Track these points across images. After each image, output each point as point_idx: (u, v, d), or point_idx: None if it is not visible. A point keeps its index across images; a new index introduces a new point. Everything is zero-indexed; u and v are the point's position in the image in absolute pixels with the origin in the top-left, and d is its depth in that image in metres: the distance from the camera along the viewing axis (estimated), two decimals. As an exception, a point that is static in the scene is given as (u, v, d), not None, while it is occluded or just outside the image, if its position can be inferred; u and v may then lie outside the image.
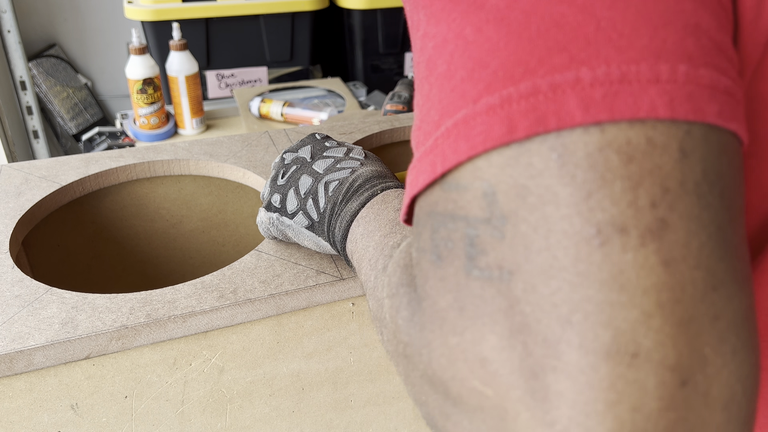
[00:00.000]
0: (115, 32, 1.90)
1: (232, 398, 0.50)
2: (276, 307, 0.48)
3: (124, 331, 0.44)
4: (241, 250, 0.79)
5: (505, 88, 0.21)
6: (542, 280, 0.20)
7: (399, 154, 0.80)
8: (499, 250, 0.21)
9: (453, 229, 0.22)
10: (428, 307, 0.24)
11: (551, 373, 0.19)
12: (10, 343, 0.42)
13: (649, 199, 0.19)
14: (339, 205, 0.44)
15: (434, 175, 0.23)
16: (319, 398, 0.54)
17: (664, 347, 0.19)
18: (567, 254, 0.20)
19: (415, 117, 0.26)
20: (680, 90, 0.20)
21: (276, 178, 0.50)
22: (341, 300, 0.50)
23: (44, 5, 1.81)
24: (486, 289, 0.21)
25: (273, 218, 0.49)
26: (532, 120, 0.20)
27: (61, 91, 1.82)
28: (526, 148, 0.20)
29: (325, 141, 0.52)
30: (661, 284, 0.19)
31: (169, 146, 0.71)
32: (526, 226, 0.20)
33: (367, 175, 0.45)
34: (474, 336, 0.21)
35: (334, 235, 0.44)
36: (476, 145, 0.21)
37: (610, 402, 0.19)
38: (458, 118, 0.22)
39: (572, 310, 0.19)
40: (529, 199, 0.20)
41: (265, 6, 1.54)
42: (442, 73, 0.23)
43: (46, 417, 0.45)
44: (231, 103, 1.57)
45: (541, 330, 0.20)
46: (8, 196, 0.61)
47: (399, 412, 0.58)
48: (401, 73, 1.74)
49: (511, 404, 0.20)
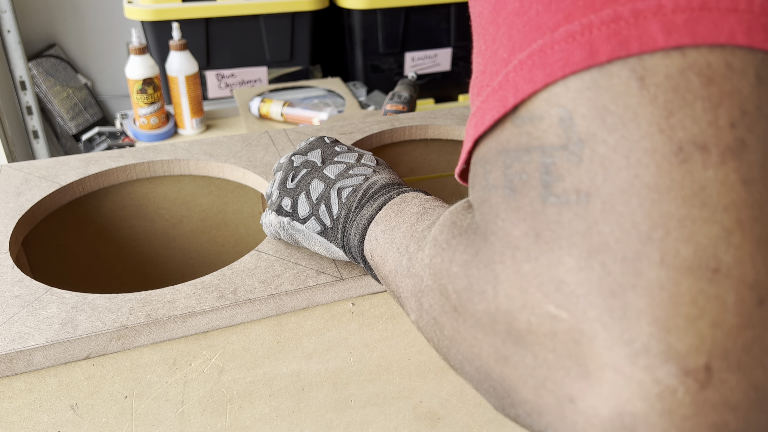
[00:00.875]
0: (115, 32, 1.90)
1: (232, 398, 0.50)
2: (276, 307, 0.48)
3: (124, 331, 0.44)
4: (241, 250, 0.79)
5: (585, 16, 0.21)
6: (621, 198, 0.20)
7: (399, 154, 0.80)
8: (576, 174, 0.21)
9: (527, 161, 0.23)
10: (497, 240, 0.23)
11: (631, 290, 0.19)
12: (9, 343, 0.42)
13: (728, 119, 0.20)
14: (354, 211, 0.44)
15: (505, 108, 0.23)
16: (319, 398, 0.54)
17: (744, 264, 0.19)
18: (648, 171, 0.20)
19: (475, 69, 0.26)
20: (757, 20, 0.20)
21: (285, 181, 0.49)
22: (341, 300, 0.50)
23: (44, 5, 1.81)
24: (563, 213, 0.21)
25: (284, 222, 0.49)
26: (615, 44, 0.21)
27: (61, 91, 1.82)
28: (607, 71, 0.21)
29: (335, 146, 0.51)
30: (741, 202, 0.19)
31: (169, 146, 0.71)
32: (605, 147, 0.21)
33: (381, 183, 0.45)
34: (550, 260, 0.21)
35: (348, 240, 0.44)
36: (555, 72, 0.22)
37: (691, 317, 0.19)
38: (533, 49, 0.22)
39: (653, 227, 0.20)
40: (608, 120, 0.21)
41: (265, 6, 1.54)
42: (514, 10, 0.24)
43: (46, 417, 0.45)
44: (231, 103, 1.56)
45: (620, 248, 0.20)
46: (8, 196, 0.61)
47: (399, 412, 0.58)
48: (401, 73, 1.74)
49: (587, 325, 0.20)
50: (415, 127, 0.78)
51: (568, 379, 0.21)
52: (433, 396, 0.59)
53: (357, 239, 0.42)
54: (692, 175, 0.19)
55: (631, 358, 0.19)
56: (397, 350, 0.55)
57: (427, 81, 1.79)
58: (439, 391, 0.59)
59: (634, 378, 0.19)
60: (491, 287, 0.23)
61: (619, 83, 0.21)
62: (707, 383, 0.19)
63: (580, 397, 0.21)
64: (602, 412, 0.20)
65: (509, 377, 0.23)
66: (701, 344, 0.19)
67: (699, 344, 0.19)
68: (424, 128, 0.78)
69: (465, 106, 0.83)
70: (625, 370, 0.19)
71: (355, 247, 0.43)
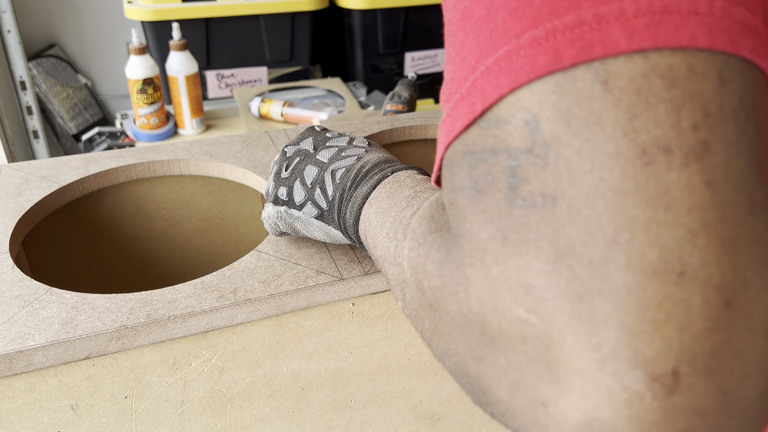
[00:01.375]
0: (115, 32, 1.90)
1: (232, 398, 0.50)
2: (276, 307, 0.48)
3: (124, 331, 0.44)
4: (241, 250, 0.79)
5: (549, 21, 0.21)
6: (587, 202, 0.20)
7: (399, 154, 0.80)
8: (542, 177, 0.21)
9: (493, 163, 0.23)
10: (467, 242, 0.23)
11: (598, 295, 0.19)
12: (10, 343, 0.42)
13: (691, 121, 0.20)
14: (348, 190, 0.44)
15: (474, 114, 0.23)
16: (319, 398, 0.54)
17: (709, 266, 0.19)
18: (612, 174, 0.20)
19: (446, 74, 0.26)
20: (718, 23, 0.20)
21: (280, 172, 0.50)
22: (341, 300, 0.50)
23: (44, 5, 1.81)
24: (530, 216, 0.21)
25: (281, 211, 0.49)
26: (578, 49, 0.21)
27: (61, 91, 1.82)
28: (571, 75, 0.21)
29: (325, 132, 0.51)
30: (705, 203, 0.19)
31: (169, 146, 0.71)
32: (569, 150, 0.21)
33: (374, 161, 0.45)
34: (518, 264, 0.21)
35: (345, 220, 0.44)
36: (520, 77, 0.22)
37: (657, 321, 0.19)
38: (500, 55, 0.23)
39: (618, 230, 0.20)
40: (573, 124, 0.21)
41: (265, 6, 1.54)
42: (481, 18, 0.24)
43: (46, 417, 0.45)
44: (231, 103, 1.56)
45: (586, 252, 0.20)
46: (8, 196, 0.61)
47: (399, 412, 0.58)
48: (401, 73, 1.74)
49: (556, 329, 0.20)
50: (415, 127, 0.78)
51: (539, 382, 0.21)
52: (433, 396, 0.59)
53: (352, 219, 0.42)
54: (656, 177, 0.20)
55: (599, 363, 0.19)
56: (397, 350, 0.55)
57: (427, 81, 1.79)
58: (439, 391, 0.59)
59: (602, 384, 0.19)
60: (463, 289, 0.23)
61: (583, 87, 0.21)
62: (675, 388, 0.19)
63: (551, 402, 0.21)
64: (572, 417, 0.20)
65: (485, 376, 0.23)
66: (668, 349, 0.19)
67: (666, 349, 0.19)
68: (424, 128, 0.78)
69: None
70: (594, 376, 0.19)
71: (350, 227, 0.43)
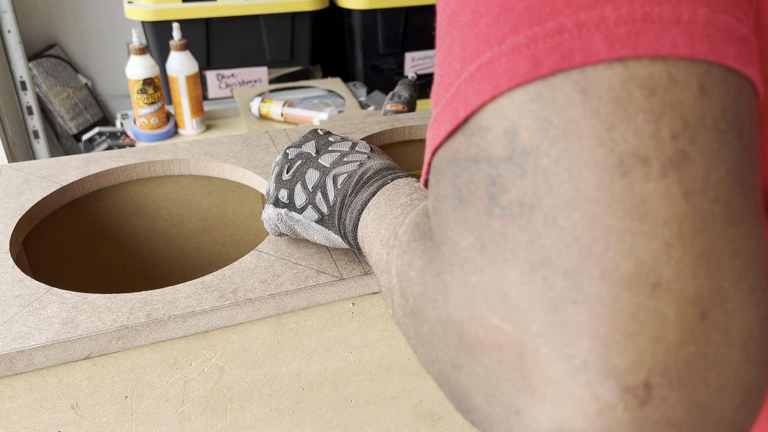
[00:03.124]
0: (115, 32, 1.90)
1: (232, 398, 0.50)
2: (276, 307, 0.48)
3: (124, 331, 0.44)
4: (241, 250, 0.79)
5: (531, 28, 0.21)
6: (563, 212, 0.20)
7: (399, 154, 0.80)
8: (520, 186, 0.21)
9: (475, 172, 0.23)
10: (447, 250, 0.24)
11: (571, 305, 0.19)
12: (10, 343, 0.42)
13: (670, 131, 0.20)
14: (349, 196, 0.44)
15: (457, 121, 0.23)
16: (319, 398, 0.54)
17: (685, 278, 0.19)
18: (589, 185, 0.20)
19: (435, 78, 0.26)
20: (700, 31, 0.20)
21: (281, 174, 0.50)
22: (341, 300, 0.50)
23: (44, 5, 1.81)
24: (507, 226, 0.21)
25: (281, 214, 0.49)
26: (558, 56, 0.21)
27: (61, 91, 1.82)
28: (550, 83, 0.21)
29: (328, 136, 0.52)
30: (682, 214, 0.19)
31: (169, 146, 0.71)
32: (547, 160, 0.21)
33: (376, 168, 0.45)
34: (495, 273, 0.21)
35: (344, 226, 0.44)
36: (500, 84, 0.22)
37: (630, 333, 0.19)
38: (482, 61, 0.22)
39: (593, 241, 0.19)
40: (551, 133, 0.21)
41: (265, 6, 1.54)
42: (466, 23, 0.24)
43: (46, 417, 0.45)
44: (231, 103, 1.56)
45: (561, 262, 0.20)
46: (8, 196, 0.61)
47: (399, 412, 0.59)
48: (401, 73, 1.74)
49: (530, 339, 0.20)
50: (415, 127, 0.78)
51: (514, 391, 0.21)
52: (433, 396, 0.59)
53: (351, 225, 0.43)
54: (633, 188, 0.19)
55: (572, 373, 0.19)
56: (397, 350, 0.55)
57: (427, 81, 1.79)
58: (439, 391, 0.59)
59: (574, 394, 0.19)
60: (442, 296, 0.23)
61: (562, 95, 0.21)
62: (647, 400, 0.19)
63: (525, 411, 0.21)
64: (545, 427, 0.20)
65: (464, 384, 0.24)
66: (641, 360, 0.19)
67: (638, 360, 0.19)
68: (424, 128, 0.78)
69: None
70: (566, 386, 0.19)
71: (350, 233, 0.43)
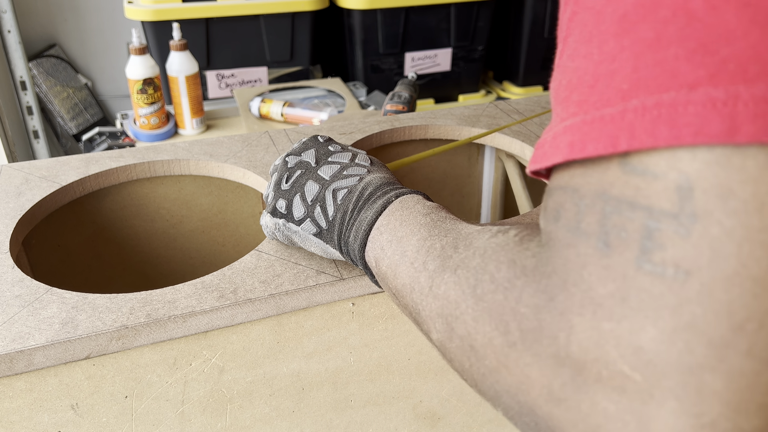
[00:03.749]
0: (115, 32, 1.90)
1: (232, 398, 0.50)
2: (276, 307, 0.48)
3: (124, 331, 0.44)
4: (241, 250, 0.79)
5: (733, 84, 0.19)
6: (723, 286, 0.20)
7: (399, 154, 0.80)
8: (681, 248, 0.20)
9: (630, 218, 0.22)
10: (579, 292, 0.23)
11: (709, 372, 0.20)
12: (10, 343, 0.42)
13: None
14: (351, 213, 0.44)
15: (614, 149, 0.22)
16: (319, 398, 0.54)
17: None
18: (758, 265, 0.19)
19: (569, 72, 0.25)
20: None
21: (280, 183, 0.49)
22: (341, 300, 0.50)
23: (44, 5, 1.81)
24: (656, 284, 0.21)
25: (279, 224, 0.49)
26: (761, 126, 0.19)
27: (61, 91, 1.82)
28: (743, 151, 0.19)
29: (328, 145, 0.51)
30: None
31: (169, 146, 0.71)
32: (719, 229, 0.20)
33: (376, 183, 0.45)
34: (633, 326, 0.21)
35: (347, 243, 0.44)
36: (683, 136, 0.20)
37: (763, 404, 0.20)
38: (663, 100, 0.21)
39: (748, 319, 0.20)
40: (730, 203, 0.20)
41: (265, 6, 1.54)
42: (646, 39, 0.21)
43: (46, 417, 0.45)
44: (231, 103, 1.56)
45: (708, 332, 0.20)
46: (8, 196, 0.61)
47: (399, 412, 0.59)
48: (401, 73, 1.74)
49: (659, 392, 0.21)
50: (415, 127, 0.78)
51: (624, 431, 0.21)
52: (433, 396, 0.59)
53: (358, 244, 0.42)
54: None
55: (697, 428, 0.20)
56: (397, 350, 0.55)
57: (427, 81, 1.79)
58: (439, 391, 0.59)
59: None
60: (564, 335, 0.23)
61: (753, 168, 0.19)
62: None
63: None
64: None
65: (558, 418, 0.24)
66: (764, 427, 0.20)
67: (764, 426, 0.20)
68: (424, 128, 0.78)
69: (465, 106, 0.83)
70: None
71: (355, 252, 0.43)
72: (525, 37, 1.80)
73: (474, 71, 1.83)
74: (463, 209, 0.92)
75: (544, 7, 1.75)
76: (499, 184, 0.90)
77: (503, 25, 1.85)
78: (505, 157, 0.84)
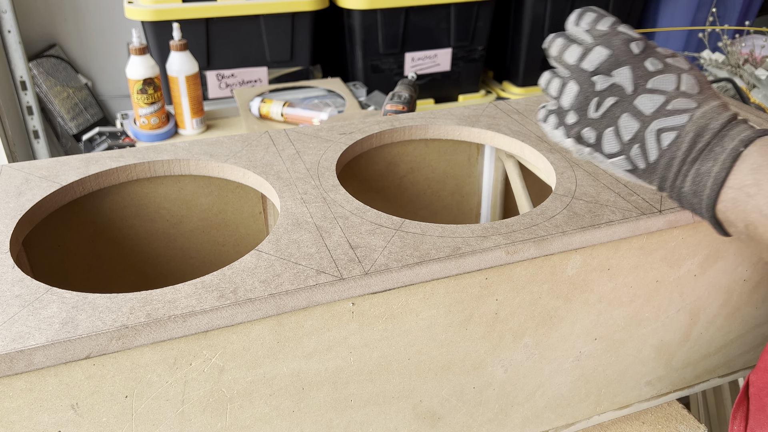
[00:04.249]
0: (115, 32, 1.90)
1: (232, 398, 0.50)
2: (276, 306, 0.48)
3: (125, 330, 0.44)
4: (241, 250, 0.79)
5: None
6: None
7: (399, 154, 0.80)
8: None
9: None
10: None
11: None
12: (10, 343, 0.42)
13: None
14: (686, 162, 0.40)
15: None
16: (319, 398, 0.54)
17: None
18: None
19: None
20: None
21: (586, 107, 0.44)
22: (341, 300, 0.50)
23: (44, 5, 1.81)
24: None
25: (583, 152, 0.45)
26: None
27: (61, 91, 1.83)
28: None
29: (646, 59, 0.43)
30: None
31: (170, 146, 0.71)
32: None
33: (713, 129, 0.40)
34: None
35: (680, 193, 0.41)
36: None
37: None
38: None
39: None
40: None
41: (265, 6, 1.54)
42: None
43: (46, 417, 0.45)
44: (231, 103, 1.57)
45: None
46: (8, 196, 0.61)
47: (399, 412, 0.59)
48: (401, 73, 1.74)
49: None
50: (415, 127, 0.78)
51: None
52: (433, 396, 0.59)
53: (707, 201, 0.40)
54: None
55: None
56: (397, 350, 0.55)
57: (427, 81, 1.79)
58: (439, 391, 0.59)
59: None
60: None
61: None
62: None
63: None
64: None
65: None
66: None
67: None
68: (424, 128, 0.78)
69: (465, 106, 0.83)
70: None
71: (702, 205, 0.40)
72: (525, 37, 1.80)
73: (474, 71, 1.83)
74: (463, 209, 0.92)
75: (544, 7, 1.75)
76: (499, 184, 0.90)
77: (503, 25, 1.85)
78: (505, 157, 0.84)
